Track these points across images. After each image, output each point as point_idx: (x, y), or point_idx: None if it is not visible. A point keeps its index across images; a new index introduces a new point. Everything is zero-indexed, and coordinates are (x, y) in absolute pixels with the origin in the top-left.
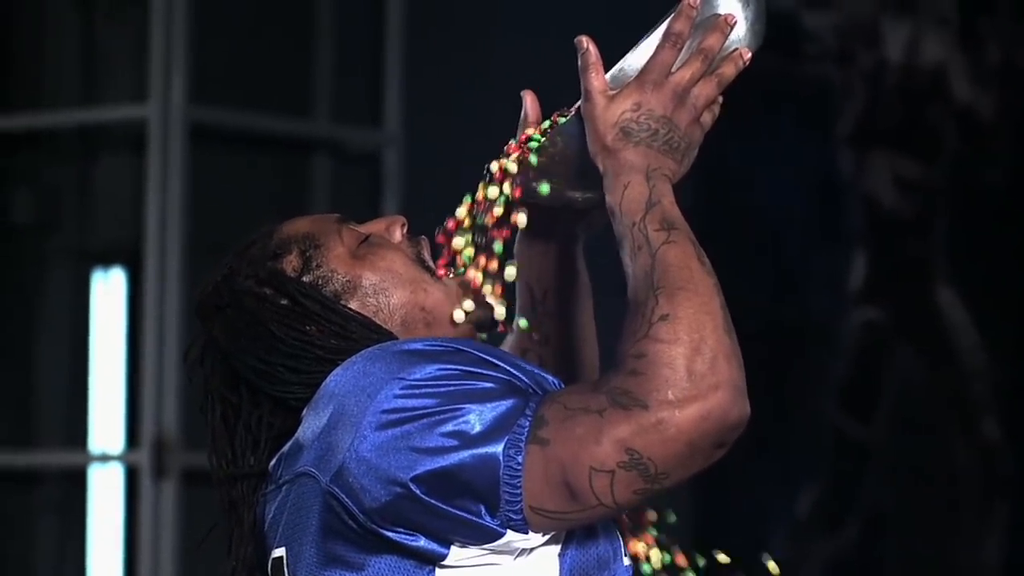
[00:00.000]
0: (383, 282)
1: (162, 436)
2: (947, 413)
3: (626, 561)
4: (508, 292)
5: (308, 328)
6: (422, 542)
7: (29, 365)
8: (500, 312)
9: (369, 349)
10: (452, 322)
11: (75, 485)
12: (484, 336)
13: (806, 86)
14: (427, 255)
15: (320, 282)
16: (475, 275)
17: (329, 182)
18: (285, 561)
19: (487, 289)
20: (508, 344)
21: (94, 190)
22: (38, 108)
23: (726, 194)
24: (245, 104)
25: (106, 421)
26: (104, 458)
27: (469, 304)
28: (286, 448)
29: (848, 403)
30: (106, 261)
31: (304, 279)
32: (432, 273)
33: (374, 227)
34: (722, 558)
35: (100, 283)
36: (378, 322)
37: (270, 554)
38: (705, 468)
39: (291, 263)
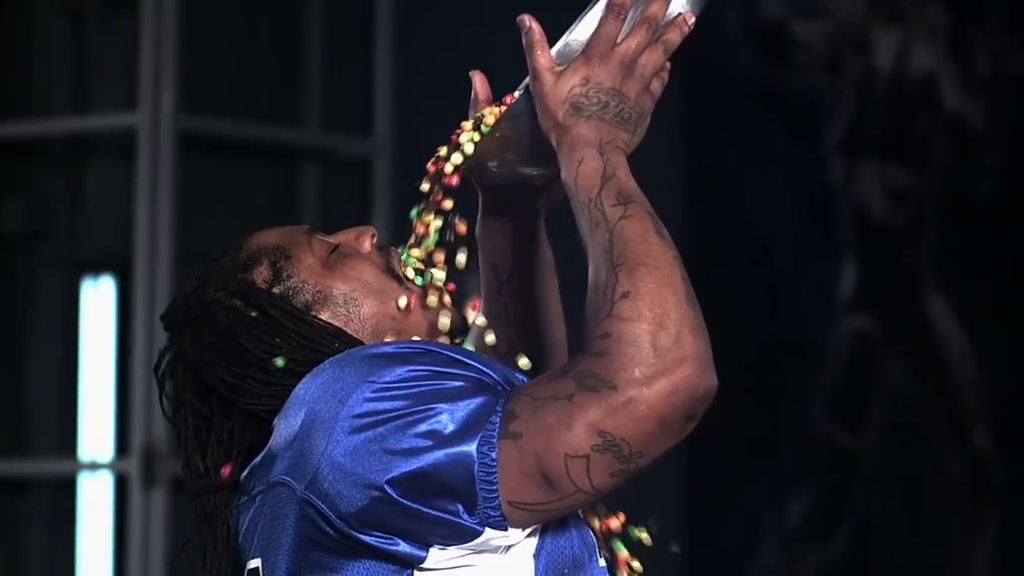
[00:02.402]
0: (353, 292)
1: (152, 444)
2: (937, 422)
3: (601, 562)
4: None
5: (278, 340)
6: (400, 546)
7: (19, 373)
8: (472, 318)
9: (339, 355)
10: (422, 329)
11: (65, 493)
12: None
13: (796, 95)
14: (397, 264)
15: (291, 293)
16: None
17: (319, 191)
18: (261, 572)
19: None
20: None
21: (84, 199)
22: (27, 116)
23: (717, 203)
24: (235, 112)
25: (96, 429)
26: (94, 466)
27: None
28: (258, 459)
29: (838, 412)
30: (96, 269)
31: (274, 290)
32: (401, 282)
33: (343, 237)
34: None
35: (90, 291)
36: (349, 332)
37: (245, 565)
38: (678, 443)
39: (261, 274)
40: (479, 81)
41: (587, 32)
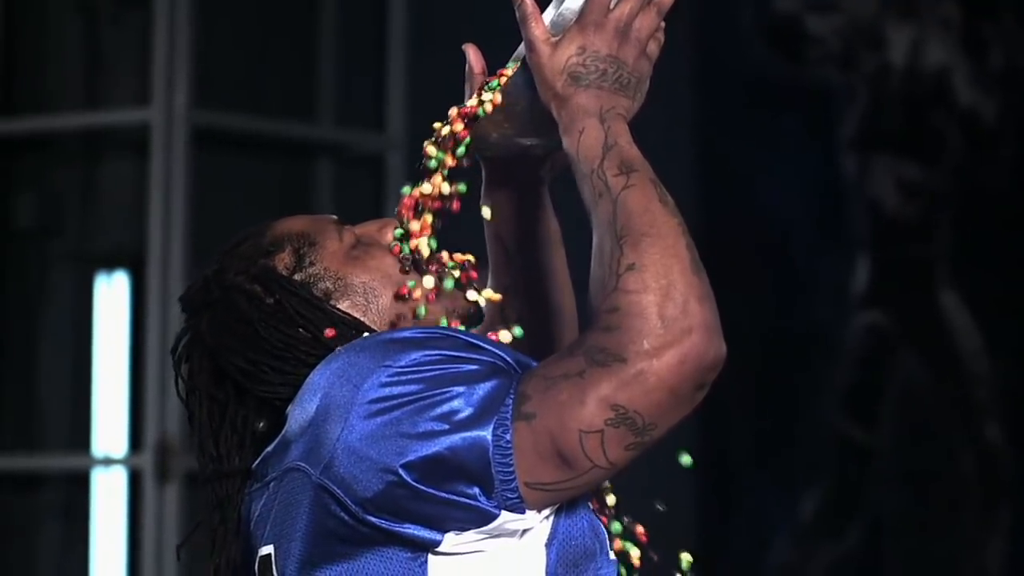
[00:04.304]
0: (373, 282)
1: (165, 439)
2: (950, 417)
3: (611, 555)
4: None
5: (294, 330)
6: (416, 530)
7: (32, 369)
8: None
9: (354, 341)
10: (439, 320)
11: (78, 489)
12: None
13: (809, 90)
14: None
15: (311, 280)
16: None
17: (332, 186)
18: (273, 558)
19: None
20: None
21: (97, 194)
22: (41, 112)
23: (729, 198)
24: (248, 108)
25: (109, 424)
26: (107, 462)
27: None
28: (271, 446)
29: (851, 407)
30: (109, 265)
31: (296, 277)
32: (422, 275)
33: (367, 228)
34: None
35: (103, 287)
36: (366, 323)
37: (257, 553)
38: (690, 413)
39: (283, 261)
40: (473, 54)
41: (579, 0)
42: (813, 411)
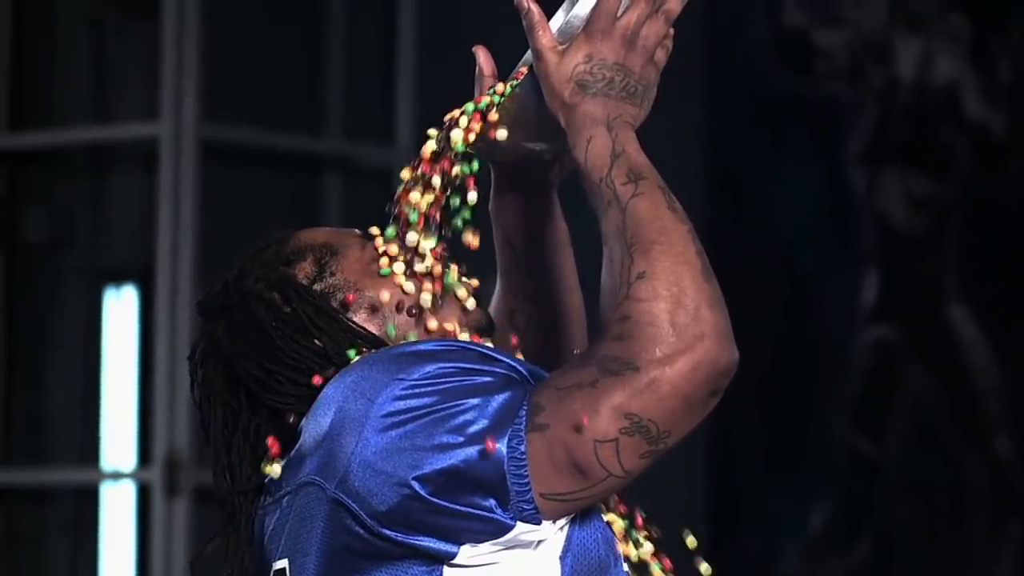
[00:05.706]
0: (392, 297)
1: (174, 454)
2: (959, 430)
3: (625, 567)
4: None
5: (309, 341)
6: (431, 543)
7: (41, 382)
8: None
9: (368, 355)
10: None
11: (87, 503)
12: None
13: (818, 104)
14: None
15: (331, 291)
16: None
17: (341, 200)
18: (288, 573)
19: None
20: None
21: (106, 208)
22: (50, 126)
23: (738, 212)
24: (257, 121)
25: (118, 438)
26: (116, 476)
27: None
28: (285, 461)
29: (860, 420)
30: (118, 279)
31: (315, 287)
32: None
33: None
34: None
35: (112, 301)
36: (381, 338)
37: (271, 567)
38: (704, 419)
39: (304, 270)
40: (483, 56)
41: (587, 7)
42: (822, 424)
